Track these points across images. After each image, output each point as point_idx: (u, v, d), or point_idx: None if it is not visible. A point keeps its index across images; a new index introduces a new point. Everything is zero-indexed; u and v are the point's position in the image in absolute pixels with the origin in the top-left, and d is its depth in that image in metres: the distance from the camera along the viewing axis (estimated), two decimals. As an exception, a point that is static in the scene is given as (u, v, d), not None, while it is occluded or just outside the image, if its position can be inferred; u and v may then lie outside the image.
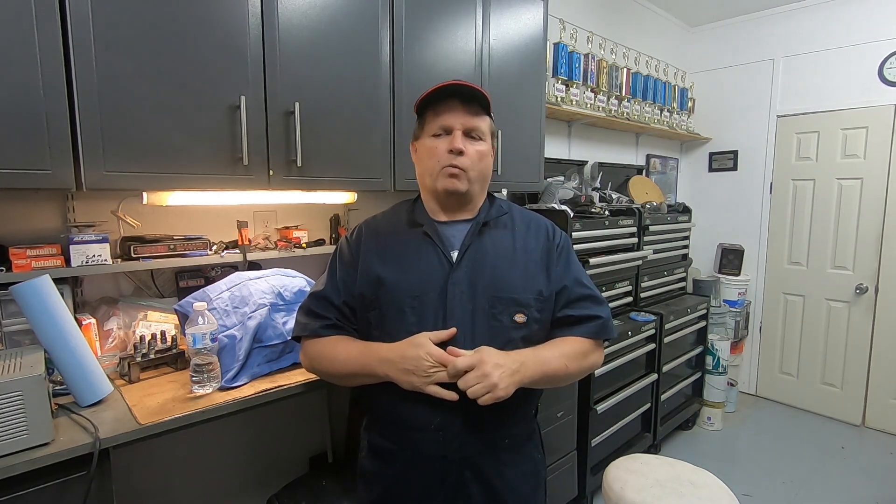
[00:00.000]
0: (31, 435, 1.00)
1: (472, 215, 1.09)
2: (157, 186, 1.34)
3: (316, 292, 1.11)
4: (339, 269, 1.11)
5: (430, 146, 1.03)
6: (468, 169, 1.02)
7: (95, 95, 1.18)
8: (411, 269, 1.03)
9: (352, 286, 1.07)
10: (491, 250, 1.05)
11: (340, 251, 1.13)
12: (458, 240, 1.06)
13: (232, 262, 1.69)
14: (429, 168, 1.04)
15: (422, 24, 1.82)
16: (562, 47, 2.74)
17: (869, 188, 3.23)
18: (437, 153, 1.02)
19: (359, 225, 1.16)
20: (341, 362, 1.04)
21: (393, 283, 1.02)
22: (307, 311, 1.10)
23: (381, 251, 1.07)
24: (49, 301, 1.16)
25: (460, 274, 1.02)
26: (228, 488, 1.88)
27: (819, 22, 3.37)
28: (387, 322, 1.02)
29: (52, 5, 1.11)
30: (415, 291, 1.01)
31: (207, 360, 1.29)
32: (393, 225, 1.11)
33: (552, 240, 1.12)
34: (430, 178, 1.04)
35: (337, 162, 1.65)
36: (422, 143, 1.07)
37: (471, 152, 1.03)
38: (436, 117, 1.03)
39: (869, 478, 2.71)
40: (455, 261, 1.03)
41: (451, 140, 1.01)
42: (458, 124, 1.02)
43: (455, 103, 1.02)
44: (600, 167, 3.17)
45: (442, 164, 1.01)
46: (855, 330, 3.34)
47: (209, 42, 1.34)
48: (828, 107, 3.36)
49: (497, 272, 1.03)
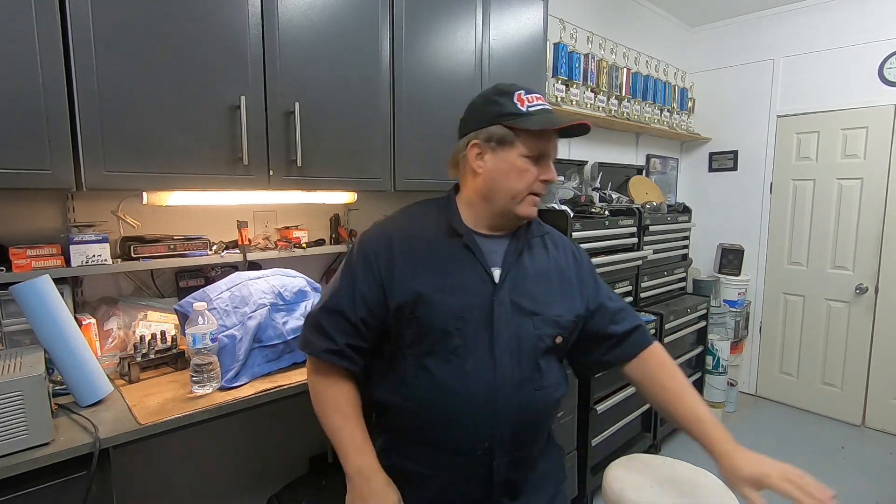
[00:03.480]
0: (31, 435, 1.00)
1: (511, 231, 1.04)
2: (157, 186, 1.34)
3: (329, 305, 0.99)
4: (359, 279, 0.97)
5: (522, 167, 0.95)
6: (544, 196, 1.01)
7: (95, 95, 1.18)
8: (452, 285, 0.95)
9: (374, 301, 0.96)
10: (531, 270, 1.01)
11: (364, 258, 0.99)
12: (497, 256, 0.99)
13: (232, 262, 1.69)
14: (513, 189, 0.95)
15: (422, 24, 1.82)
16: (562, 47, 2.74)
17: (869, 188, 3.23)
18: (528, 177, 0.95)
19: (379, 228, 1.03)
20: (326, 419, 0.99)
21: (434, 300, 0.93)
22: (316, 326, 0.99)
23: (415, 261, 0.97)
24: (49, 301, 1.16)
25: (504, 294, 0.96)
26: (228, 488, 1.88)
27: (819, 22, 3.37)
28: (427, 343, 0.94)
29: (52, 5, 1.11)
30: (458, 311, 0.94)
31: (207, 360, 1.29)
32: (425, 231, 1.00)
33: (579, 259, 1.10)
34: (510, 198, 0.96)
35: (337, 162, 1.65)
36: (507, 157, 0.95)
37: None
38: (538, 139, 0.94)
39: (869, 478, 2.71)
40: (498, 279, 0.97)
41: (546, 169, 0.96)
42: (553, 153, 0.98)
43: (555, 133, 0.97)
44: (600, 167, 3.17)
45: (531, 191, 0.96)
46: (855, 330, 3.34)
47: (209, 42, 1.34)
48: (828, 107, 3.36)
49: (539, 293, 0.99)
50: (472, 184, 1.00)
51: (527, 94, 0.96)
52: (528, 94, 0.96)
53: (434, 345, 0.94)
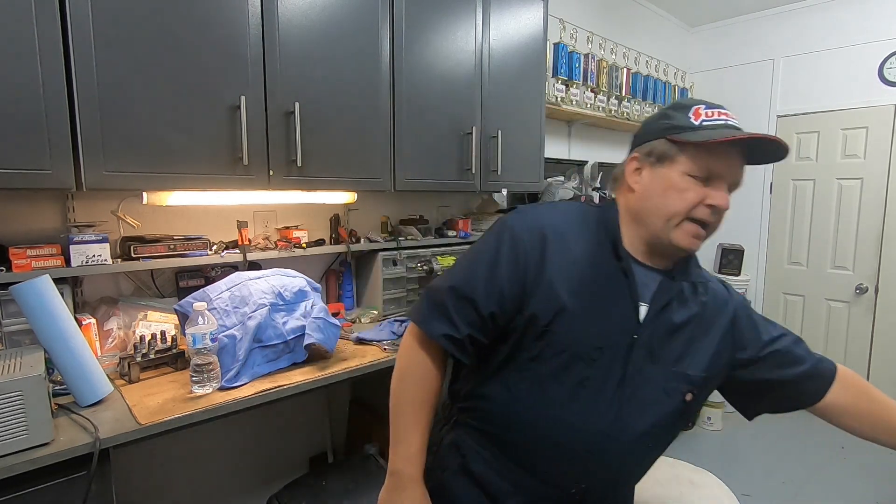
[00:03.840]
0: (31, 435, 1.00)
1: (668, 265, 0.89)
2: (157, 186, 1.34)
3: (460, 288, 0.86)
4: (502, 270, 0.85)
5: (682, 186, 0.80)
6: (713, 227, 0.83)
7: (95, 95, 1.18)
8: (598, 309, 0.84)
9: (510, 299, 0.85)
10: (678, 316, 0.87)
11: (513, 247, 0.85)
12: (647, 290, 0.86)
13: (232, 262, 1.69)
14: (667, 209, 0.81)
15: (422, 24, 1.82)
16: (562, 47, 2.74)
17: (869, 188, 3.23)
18: (688, 198, 0.80)
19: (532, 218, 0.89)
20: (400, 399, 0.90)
21: (576, 320, 0.82)
22: (439, 305, 0.87)
23: (566, 270, 0.84)
24: (49, 301, 1.16)
25: (645, 335, 0.85)
26: (228, 488, 1.88)
27: (819, 22, 3.36)
28: (553, 363, 0.84)
29: (52, 5, 1.11)
30: (598, 341, 0.83)
31: (207, 360, 1.29)
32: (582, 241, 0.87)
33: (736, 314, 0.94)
34: (663, 221, 0.82)
35: (337, 162, 1.65)
36: (666, 174, 0.82)
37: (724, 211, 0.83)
38: (707, 158, 0.79)
39: (869, 478, 2.71)
40: (643, 318, 0.85)
41: (713, 193, 0.80)
42: (730, 177, 0.81)
43: (738, 152, 0.81)
44: (600, 167, 3.17)
45: (688, 216, 0.80)
46: (855, 330, 3.34)
47: (209, 42, 1.34)
48: (828, 107, 3.36)
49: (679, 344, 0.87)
50: (625, 201, 0.89)
51: (707, 109, 0.82)
52: (708, 109, 0.82)
53: (561, 368, 0.83)
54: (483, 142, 2.07)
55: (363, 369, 1.53)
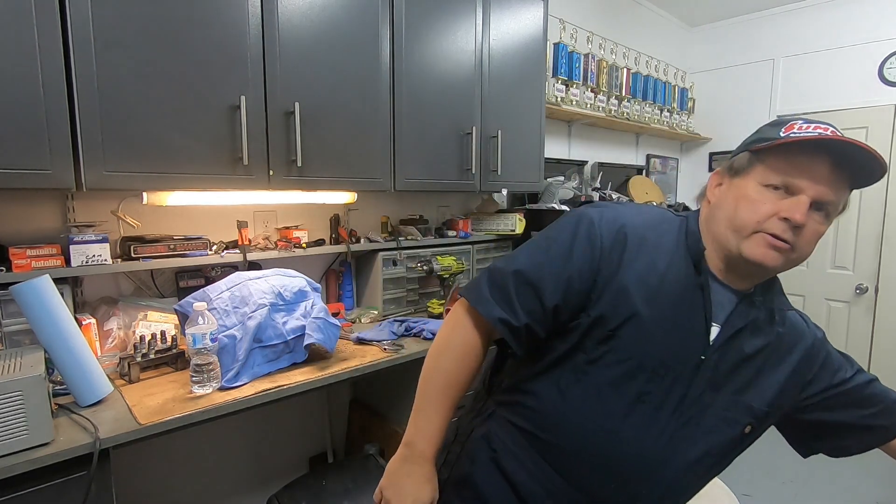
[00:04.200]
0: (31, 435, 1.00)
1: (747, 287, 0.82)
2: (157, 186, 1.34)
3: (526, 273, 0.81)
4: (576, 257, 0.80)
5: (754, 197, 0.74)
6: (796, 248, 0.73)
7: (95, 95, 1.18)
8: (671, 324, 0.78)
9: (577, 294, 0.79)
10: (750, 344, 0.81)
11: (590, 239, 0.80)
12: (722, 311, 0.80)
13: (232, 262, 1.69)
14: (738, 221, 0.75)
15: (422, 24, 1.82)
16: (562, 47, 2.74)
17: (869, 188, 3.22)
18: (760, 209, 0.73)
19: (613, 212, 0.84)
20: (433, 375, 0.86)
21: (647, 331, 0.77)
22: (501, 287, 0.82)
23: (643, 274, 0.79)
24: (49, 301, 1.16)
25: (713, 359, 0.79)
26: (228, 488, 1.88)
27: (819, 22, 3.37)
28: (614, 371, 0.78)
29: (52, 5, 1.11)
30: (665, 357, 0.78)
31: (207, 360, 1.29)
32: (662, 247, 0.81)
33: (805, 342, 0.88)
34: (731, 231, 0.76)
35: (337, 162, 1.65)
36: (741, 184, 0.76)
37: (809, 229, 0.73)
38: (784, 168, 0.72)
39: (869, 478, 2.71)
40: (714, 340, 0.79)
41: (790, 205, 0.71)
42: (813, 191, 0.71)
43: (823, 160, 0.71)
44: (600, 167, 3.17)
45: (761, 227, 0.73)
46: (855, 330, 3.34)
47: (209, 42, 1.34)
48: (828, 107, 3.36)
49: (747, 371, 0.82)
50: (703, 214, 0.84)
51: (805, 123, 0.73)
52: (806, 123, 0.73)
53: (621, 378, 0.78)
54: (483, 142, 2.07)
55: (363, 369, 1.53)
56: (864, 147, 0.70)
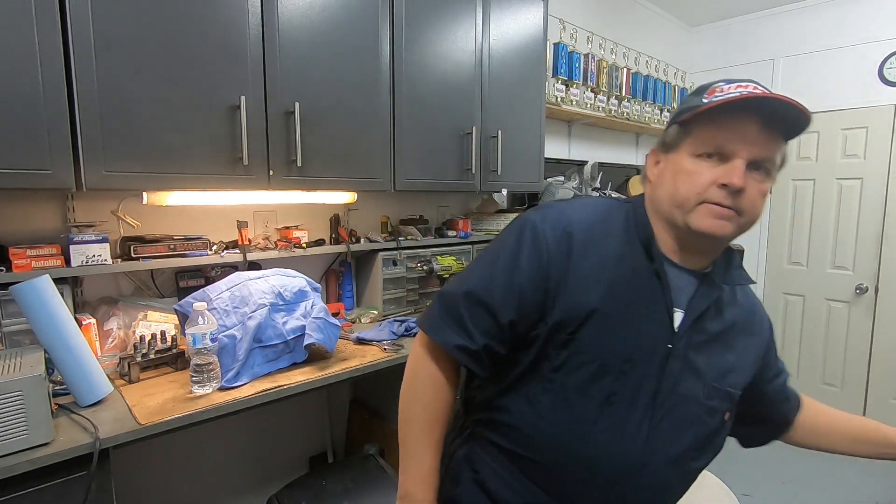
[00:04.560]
0: (31, 435, 1.00)
1: (706, 267, 0.80)
2: (157, 186, 1.34)
3: (474, 292, 0.78)
4: (524, 268, 0.76)
5: (690, 169, 0.72)
6: (744, 213, 0.72)
7: (95, 95, 1.18)
8: (631, 317, 0.75)
9: (531, 305, 0.77)
10: (715, 324, 0.79)
11: (536, 248, 0.77)
12: (683, 295, 0.78)
13: (232, 262, 1.69)
14: (679, 196, 0.73)
15: (422, 24, 1.82)
16: (562, 47, 2.74)
17: (869, 188, 3.23)
18: (697, 181, 0.71)
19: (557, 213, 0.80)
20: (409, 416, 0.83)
21: (606, 328, 0.74)
22: (453, 312, 0.79)
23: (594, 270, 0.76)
24: (49, 301, 1.16)
25: (681, 346, 0.76)
26: (228, 488, 1.88)
27: (819, 22, 3.37)
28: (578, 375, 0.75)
29: (52, 5, 1.11)
30: (628, 353, 0.74)
31: (207, 360, 1.29)
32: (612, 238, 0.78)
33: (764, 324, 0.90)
34: (678, 209, 0.74)
35: (337, 162, 1.65)
36: (675, 160, 0.75)
37: (752, 191, 0.71)
38: (713, 132, 0.71)
39: (869, 478, 2.71)
40: (678, 326, 0.76)
41: (726, 170, 0.70)
42: (746, 152, 0.70)
43: (751, 120, 0.70)
44: (600, 167, 3.17)
45: (702, 198, 0.71)
46: (855, 330, 3.34)
47: (209, 42, 1.34)
48: (828, 107, 3.36)
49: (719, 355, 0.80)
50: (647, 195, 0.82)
51: (726, 84, 0.72)
52: (727, 84, 0.72)
53: (586, 381, 0.75)
54: (483, 142, 2.07)
55: (363, 369, 1.53)
56: (785, 100, 0.69)
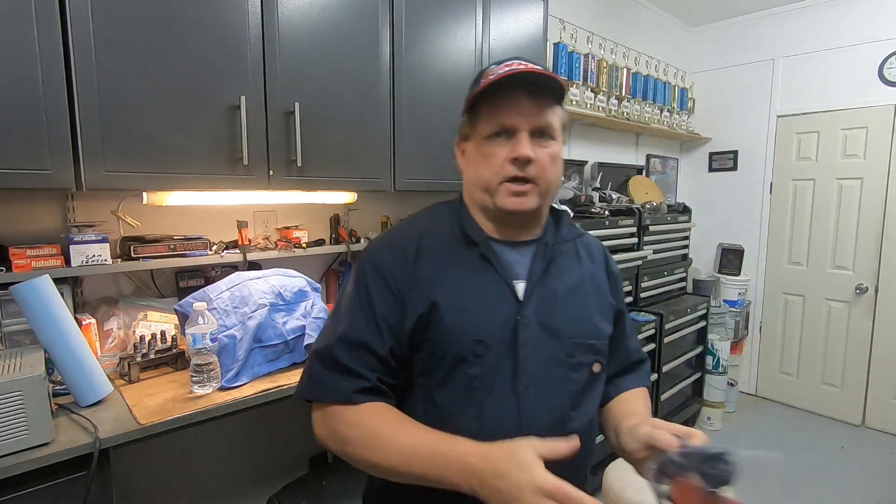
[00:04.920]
0: (31, 435, 1.00)
1: (535, 235, 0.85)
2: (157, 186, 1.34)
3: (346, 336, 0.77)
4: (377, 298, 0.78)
5: (487, 152, 0.78)
6: (538, 180, 0.77)
7: (95, 95, 1.18)
8: (470, 303, 0.78)
9: (399, 326, 0.78)
10: (561, 283, 0.83)
11: (377, 272, 0.80)
12: (521, 267, 0.82)
13: (232, 262, 1.69)
14: (483, 179, 0.79)
15: (422, 24, 1.82)
16: (562, 47, 2.74)
17: (869, 188, 3.23)
18: (494, 162, 0.77)
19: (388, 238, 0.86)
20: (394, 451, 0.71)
21: (451, 320, 0.76)
22: (332, 364, 0.76)
23: (432, 267, 0.80)
24: (49, 301, 1.16)
25: (530, 314, 0.78)
26: (228, 488, 1.88)
27: (819, 22, 3.37)
28: (439, 372, 0.77)
29: (52, 5, 1.11)
30: (477, 334, 0.76)
31: (207, 360, 1.29)
32: (441, 237, 0.83)
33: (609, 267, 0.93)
34: (482, 191, 0.80)
35: (337, 162, 1.65)
36: (473, 147, 0.81)
37: (542, 158, 0.77)
38: (494, 114, 0.77)
39: (869, 478, 2.71)
40: (523, 295, 0.79)
41: (514, 145, 0.76)
42: (525, 123, 0.76)
43: (520, 94, 0.76)
44: (600, 167, 3.17)
45: (502, 177, 0.77)
46: (855, 330, 3.34)
47: (209, 42, 1.34)
48: (828, 107, 3.36)
49: (573, 311, 0.82)
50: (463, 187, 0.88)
51: (497, 66, 0.79)
52: (498, 65, 0.79)
53: (447, 375, 0.76)
54: (483, 142, 2.07)
55: (363, 369, 1.52)
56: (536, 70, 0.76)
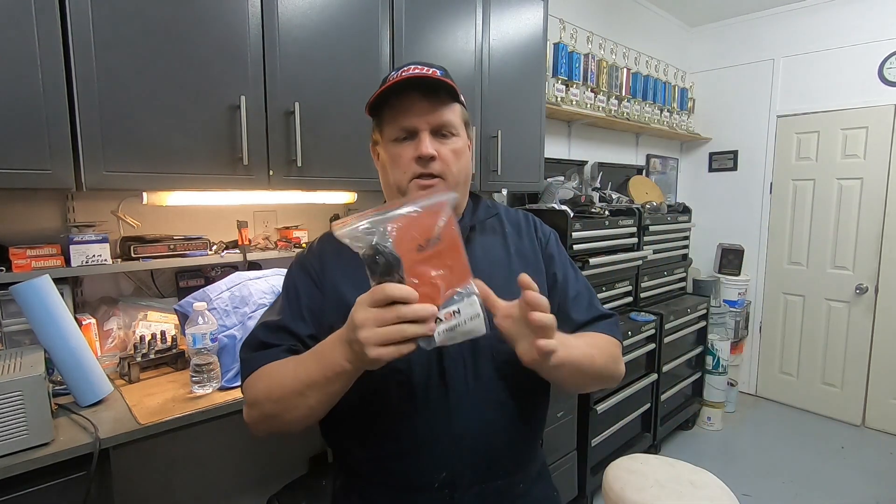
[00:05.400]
0: (31, 435, 1.00)
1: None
2: (157, 186, 1.34)
3: (269, 322, 0.83)
4: (302, 292, 0.85)
5: (394, 153, 0.82)
6: (445, 174, 0.81)
7: (95, 95, 1.18)
8: None
9: (321, 314, 0.82)
10: (483, 260, 0.85)
11: (301, 269, 0.87)
12: None
13: (232, 262, 1.69)
14: (394, 181, 0.83)
15: (422, 25, 1.82)
16: (562, 47, 2.74)
17: (869, 188, 3.23)
18: (401, 162, 0.81)
19: (316, 239, 0.94)
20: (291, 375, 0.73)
21: None
22: (257, 343, 0.82)
23: (347, 271, 0.82)
24: (49, 301, 1.16)
25: None
26: (228, 488, 1.88)
27: (819, 22, 3.37)
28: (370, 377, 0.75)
29: (52, 5, 1.11)
30: None
31: (207, 360, 1.30)
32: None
33: (537, 234, 0.96)
34: (399, 192, 0.83)
35: (337, 162, 1.65)
36: (382, 150, 0.86)
37: (444, 154, 0.81)
38: (395, 117, 0.81)
39: (869, 478, 2.71)
40: None
41: (416, 145, 0.79)
42: (424, 123, 0.80)
43: (416, 97, 0.80)
44: (600, 167, 3.17)
45: (410, 175, 0.80)
46: (855, 330, 3.34)
47: (209, 42, 1.34)
48: (828, 107, 3.36)
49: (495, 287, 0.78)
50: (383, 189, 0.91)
51: (395, 72, 0.82)
52: (396, 72, 0.82)
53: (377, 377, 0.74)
54: (483, 141, 2.07)
55: (363, 369, 1.52)
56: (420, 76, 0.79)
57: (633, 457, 1.78)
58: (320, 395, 0.71)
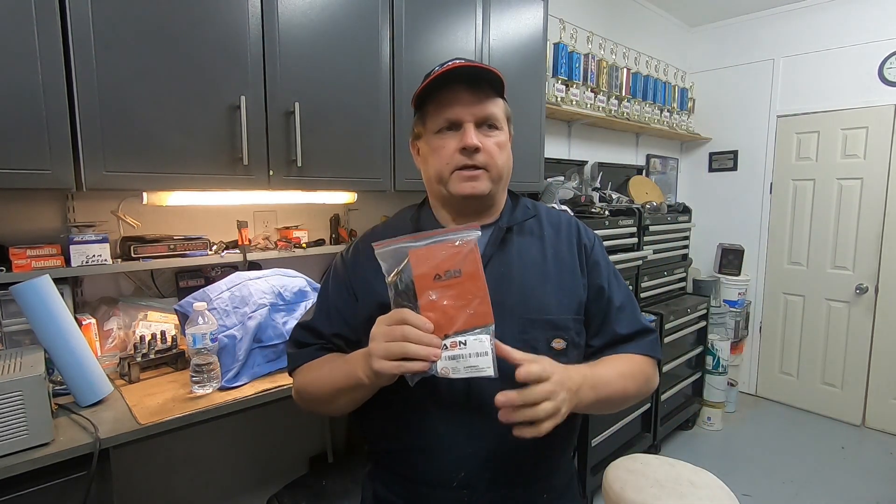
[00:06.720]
0: (31, 435, 1.00)
1: (493, 220, 0.89)
2: (157, 186, 1.34)
3: (303, 322, 0.92)
4: (332, 293, 0.91)
5: (437, 145, 0.83)
6: (489, 166, 0.83)
7: (95, 95, 1.18)
8: None
9: (349, 314, 0.88)
10: (518, 262, 0.86)
11: (335, 271, 0.94)
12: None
13: (232, 262, 1.69)
14: (437, 171, 0.84)
15: (422, 24, 1.82)
16: (562, 47, 2.74)
17: (869, 188, 3.23)
18: (445, 153, 0.82)
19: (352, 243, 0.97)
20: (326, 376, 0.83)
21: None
22: (294, 341, 0.93)
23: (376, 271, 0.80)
24: (49, 301, 1.16)
25: None
26: (228, 488, 1.88)
27: (819, 22, 3.37)
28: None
29: (52, 5, 1.11)
30: None
31: (207, 360, 1.29)
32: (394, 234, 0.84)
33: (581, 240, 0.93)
34: (440, 183, 0.84)
35: (337, 162, 1.65)
36: (425, 143, 0.87)
37: (488, 146, 0.82)
38: (439, 109, 0.83)
39: (869, 478, 2.71)
40: None
41: (461, 136, 0.81)
42: (469, 115, 0.82)
43: (461, 89, 0.82)
44: (600, 167, 3.17)
45: (453, 166, 0.82)
46: (855, 330, 3.34)
47: (209, 42, 1.34)
48: (828, 107, 3.36)
49: (527, 288, 0.84)
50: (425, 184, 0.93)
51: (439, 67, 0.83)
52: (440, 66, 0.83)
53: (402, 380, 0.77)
54: (483, 142, 2.07)
55: (363, 369, 1.52)
56: (473, 65, 0.82)
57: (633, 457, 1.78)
58: (347, 399, 0.81)
